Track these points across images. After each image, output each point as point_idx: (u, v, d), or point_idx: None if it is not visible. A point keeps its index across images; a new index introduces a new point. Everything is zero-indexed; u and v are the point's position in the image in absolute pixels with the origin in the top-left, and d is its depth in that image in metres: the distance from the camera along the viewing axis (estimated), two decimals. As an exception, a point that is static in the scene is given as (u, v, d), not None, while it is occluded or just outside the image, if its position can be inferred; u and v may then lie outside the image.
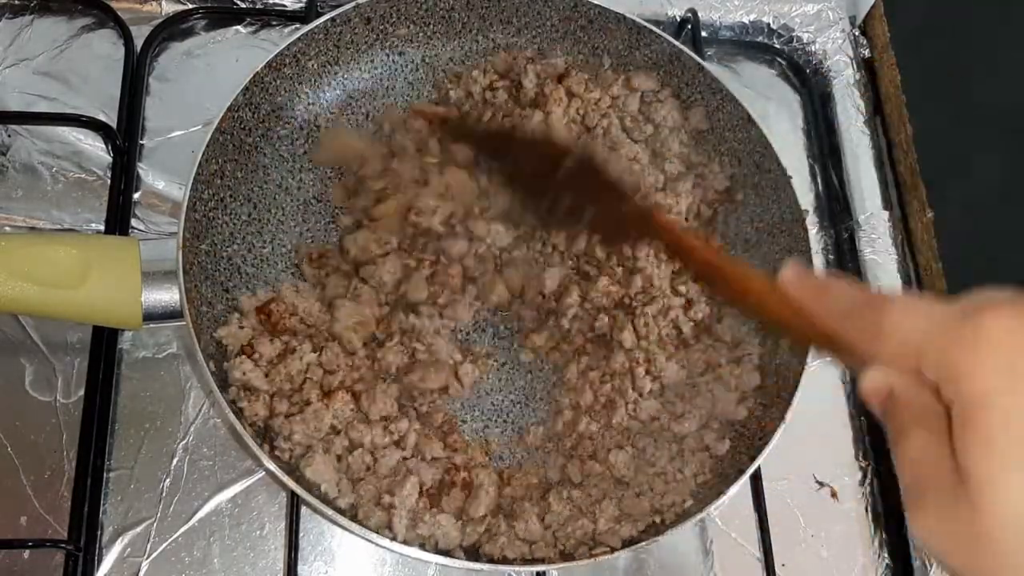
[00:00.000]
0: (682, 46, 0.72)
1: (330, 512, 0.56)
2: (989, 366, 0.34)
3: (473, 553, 0.59)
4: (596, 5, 0.72)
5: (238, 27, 0.82)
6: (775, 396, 0.64)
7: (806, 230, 0.66)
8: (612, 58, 0.74)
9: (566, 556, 0.59)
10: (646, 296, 0.67)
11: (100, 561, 0.62)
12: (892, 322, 0.39)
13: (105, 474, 0.64)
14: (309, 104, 0.72)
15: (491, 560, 0.59)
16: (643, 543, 0.58)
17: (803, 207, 0.67)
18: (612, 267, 0.68)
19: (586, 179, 0.56)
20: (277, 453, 0.59)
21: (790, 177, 0.68)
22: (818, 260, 0.67)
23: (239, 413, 0.58)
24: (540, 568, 0.60)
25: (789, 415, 0.61)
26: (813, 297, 0.43)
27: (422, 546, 0.58)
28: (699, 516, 0.59)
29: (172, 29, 0.80)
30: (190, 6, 0.81)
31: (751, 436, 0.63)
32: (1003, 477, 0.33)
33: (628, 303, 0.67)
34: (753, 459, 0.60)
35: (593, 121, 0.72)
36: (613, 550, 0.58)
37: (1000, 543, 0.33)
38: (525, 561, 0.59)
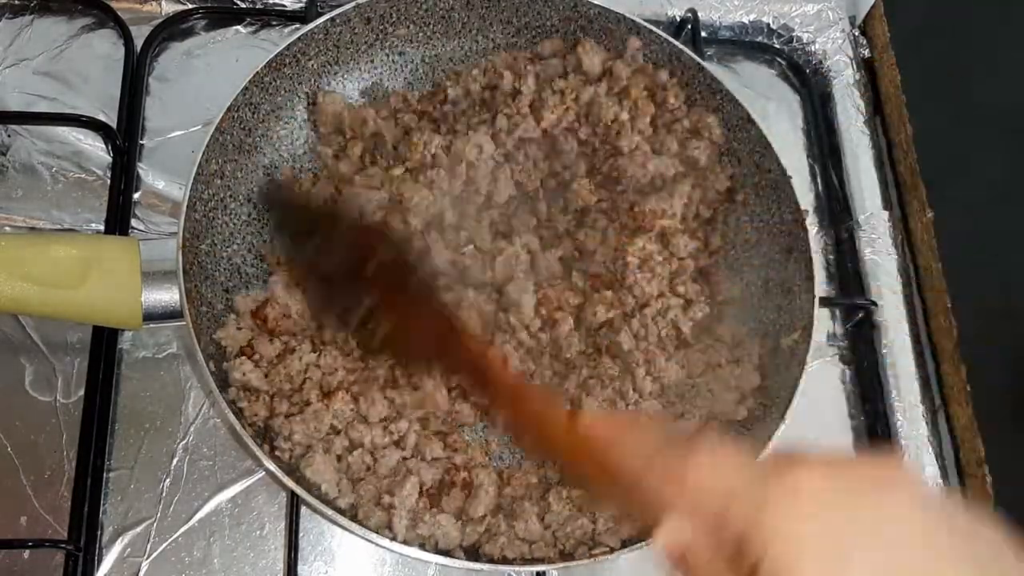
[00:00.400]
0: (682, 46, 0.72)
1: (330, 512, 0.56)
2: (803, 527, 0.34)
3: (473, 553, 0.59)
4: (596, 5, 0.72)
5: (238, 27, 0.82)
6: (775, 396, 0.64)
7: (806, 230, 0.66)
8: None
9: (566, 556, 0.59)
10: (643, 299, 0.68)
11: (100, 561, 0.62)
12: (697, 469, 0.37)
13: (105, 474, 0.64)
14: (309, 104, 0.72)
15: (491, 560, 0.59)
16: (643, 543, 0.58)
17: (803, 207, 0.67)
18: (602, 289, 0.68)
19: (395, 278, 0.53)
20: (277, 453, 0.59)
21: (790, 177, 0.68)
22: (818, 260, 0.67)
23: (239, 413, 0.58)
24: (540, 568, 0.60)
25: (789, 415, 0.61)
26: (615, 436, 0.42)
27: (422, 546, 0.58)
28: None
29: (172, 29, 0.80)
30: (190, 6, 0.81)
31: (752, 435, 0.63)
32: None
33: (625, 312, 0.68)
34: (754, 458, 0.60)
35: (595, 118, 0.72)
36: (613, 550, 0.58)
37: None
38: (525, 561, 0.59)
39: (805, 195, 0.82)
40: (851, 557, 0.33)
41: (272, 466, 0.56)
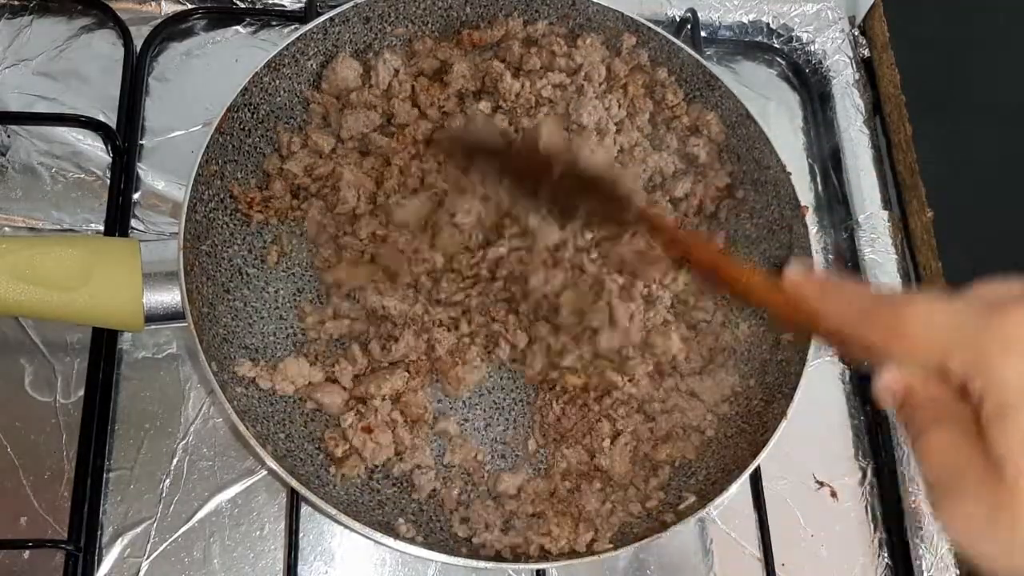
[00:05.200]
0: (681, 43, 0.72)
1: (332, 511, 0.56)
2: (1021, 362, 0.35)
3: (473, 551, 0.59)
4: (595, 3, 0.72)
5: (237, 27, 0.82)
6: (776, 392, 0.64)
7: (806, 226, 0.66)
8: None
9: (569, 553, 0.59)
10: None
11: (100, 561, 0.62)
12: (914, 321, 0.38)
13: (105, 474, 0.64)
14: (309, 104, 0.72)
15: (491, 558, 0.59)
16: (645, 540, 0.58)
17: (803, 204, 0.67)
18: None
19: (575, 182, 0.56)
20: (279, 452, 0.59)
21: (789, 173, 0.68)
22: (818, 260, 0.67)
23: (241, 413, 0.58)
24: (540, 567, 0.60)
25: (791, 410, 0.61)
26: (821, 297, 0.43)
27: (427, 544, 0.58)
28: (701, 512, 0.59)
29: (172, 29, 0.80)
30: (190, 6, 0.81)
31: (753, 432, 0.63)
32: None
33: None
34: (755, 455, 0.60)
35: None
36: (615, 548, 0.58)
37: None
38: (526, 559, 0.59)
39: (805, 195, 0.81)
40: None
41: (274, 465, 0.56)
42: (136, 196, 0.73)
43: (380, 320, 0.65)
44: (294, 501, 0.63)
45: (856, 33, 0.89)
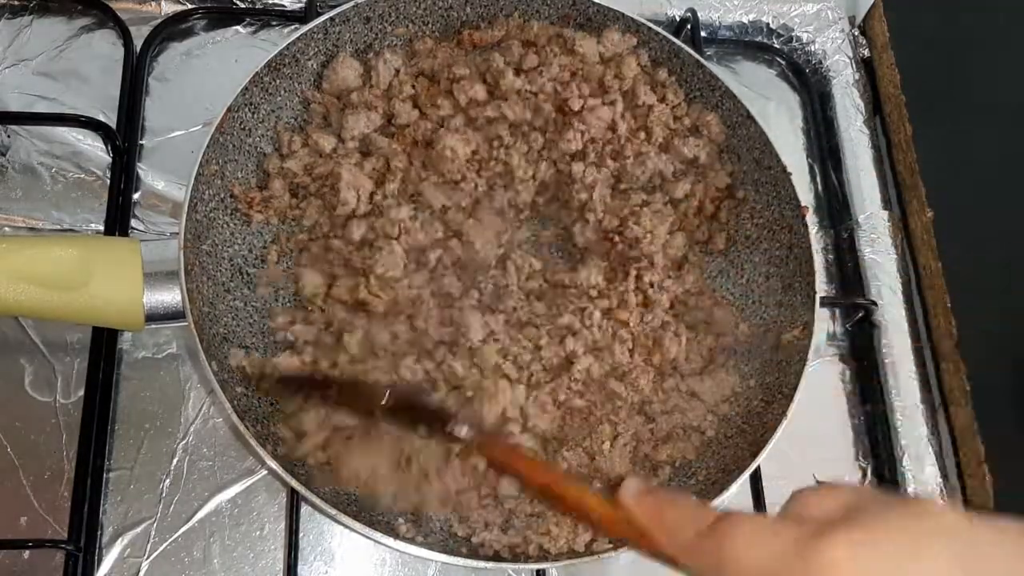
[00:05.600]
0: (681, 43, 0.72)
1: (332, 511, 0.56)
2: None
3: (473, 551, 0.59)
4: (595, 3, 0.72)
5: (237, 27, 0.82)
6: (776, 393, 0.64)
7: (806, 226, 0.66)
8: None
9: (569, 553, 0.59)
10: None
11: (100, 561, 0.62)
12: (731, 550, 0.38)
13: (105, 474, 0.64)
14: (309, 104, 0.72)
15: (490, 557, 0.59)
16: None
17: (803, 203, 0.67)
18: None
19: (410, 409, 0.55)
20: (279, 451, 0.59)
21: (790, 173, 0.68)
22: (818, 260, 0.67)
23: (242, 413, 0.58)
24: (539, 566, 0.60)
25: (791, 411, 0.61)
26: (652, 517, 0.43)
27: (427, 544, 0.58)
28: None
29: (172, 29, 0.80)
30: (190, 6, 0.81)
31: (753, 432, 0.63)
32: None
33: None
34: (755, 455, 0.60)
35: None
36: (615, 548, 0.58)
37: None
38: (525, 559, 0.59)
39: (805, 195, 0.81)
40: None
41: (274, 464, 0.56)
42: (136, 196, 0.73)
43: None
44: (294, 501, 0.63)
45: (856, 33, 0.89)
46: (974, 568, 0.34)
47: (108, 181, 0.72)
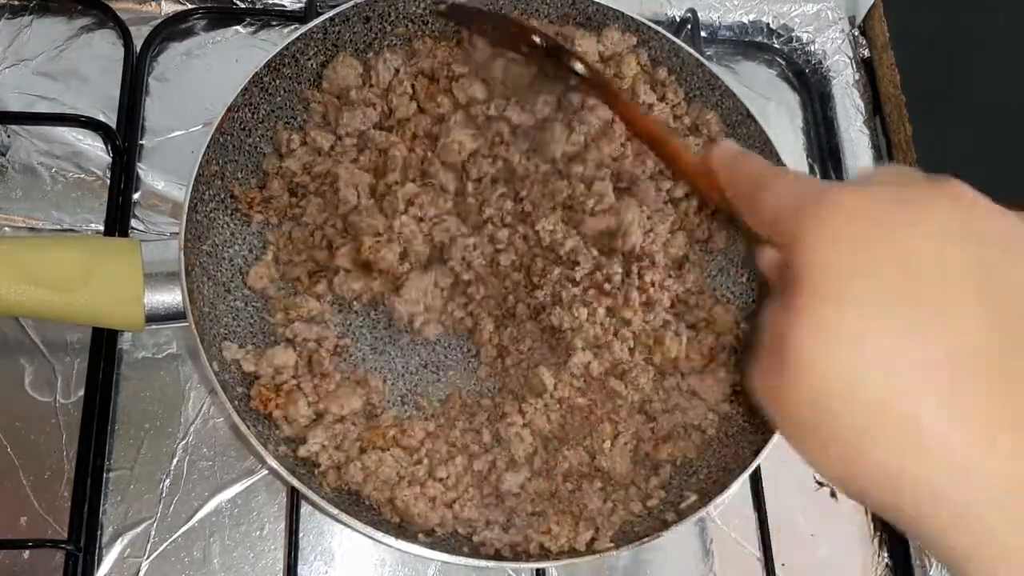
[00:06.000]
0: (681, 43, 0.72)
1: (333, 510, 0.56)
2: (821, 234, 0.35)
3: (474, 550, 0.59)
4: (595, 3, 0.72)
5: (238, 27, 0.82)
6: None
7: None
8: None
9: (569, 552, 0.59)
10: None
11: (100, 561, 0.62)
12: (769, 191, 0.40)
13: (105, 474, 0.64)
14: (309, 104, 0.72)
15: (491, 556, 0.59)
16: (646, 540, 0.58)
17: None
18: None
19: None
20: (280, 451, 0.59)
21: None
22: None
23: (243, 413, 0.58)
24: (540, 565, 0.60)
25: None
26: (727, 167, 0.46)
27: (428, 543, 0.58)
28: (703, 511, 0.59)
29: (172, 29, 0.80)
30: (190, 6, 0.81)
31: (754, 430, 0.63)
32: (814, 340, 0.34)
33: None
34: (756, 453, 0.60)
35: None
36: (616, 547, 0.58)
37: (810, 411, 0.36)
38: (526, 558, 0.59)
39: (805, 195, 0.82)
40: (860, 268, 0.34)
41: (275, 464, 0.56)
42: (136, 196, 0.73)
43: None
44: (294, 501, 0.63)
45: (856, 33, 0.89)
46: (973, 227, 0.35)
47: (108, 181, 0.72)
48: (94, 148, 0.74)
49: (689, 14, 0.84)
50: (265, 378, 0.61)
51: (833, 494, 0.71)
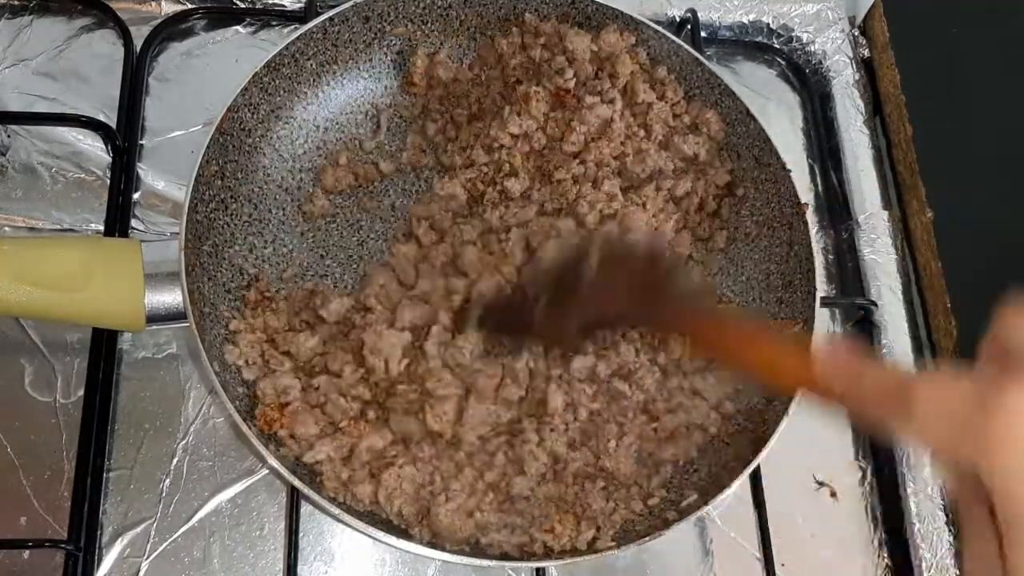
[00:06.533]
0: (681, 42, 0.72)
1: (334, 510, 0.56)
2: (1018, 462, 0.32)
3: (481, 550, 0.59)
4: (594, 2, 0.72)
5: (237, 27, 0.82)
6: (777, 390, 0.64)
7: (806, 223, 0.66)
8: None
9: (568, 551, 0.59)
10: None
11: (100, 561, 0.62)
12: (922, 408, 0.36)
13: (105, 474, 0.64)
14: (308, 104, 0.72)
15: (496, 556, 0.59)
16: (646, 539, 0.58)
17: (803, 200, 0.67)
18: None
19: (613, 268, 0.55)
20: (282, 451, 0.59)
21: (789, 171, 0.68)
22: (818, 260, 0.67)
23: (244, 413, 0.58)
24: (543, 564, 0.60)
25: (792, 409, 0.61)
26: (847, 381, 0.42)
27: (431, 544, 0.58)
28: (703, 510, 0.59)
29: (172, 29, 0.80)
30: (190, 6, 0.81)
31: (755, 429, 0.63)
32: None
33: None
34: (757, 452, 0.60)
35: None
36: (618, 545, 0.58)
37: None
38: (529, 558, 0.59)
39: (805, 195, 0.81)
40: None
41: (276, 463, 0.56)
42: (136, 196, 0.73)
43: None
44: (294, 501, 0.63)
45: (856, 33, 0.89)
46: None
47: (108, 181, 0.72)
48: (94, 148, 0.74)
49: (689, 14, 0.84)
50: (269, 397, 0.61)
51: (833, 494, 0.71)
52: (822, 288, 0.66)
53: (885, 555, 0.70)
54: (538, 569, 0.63)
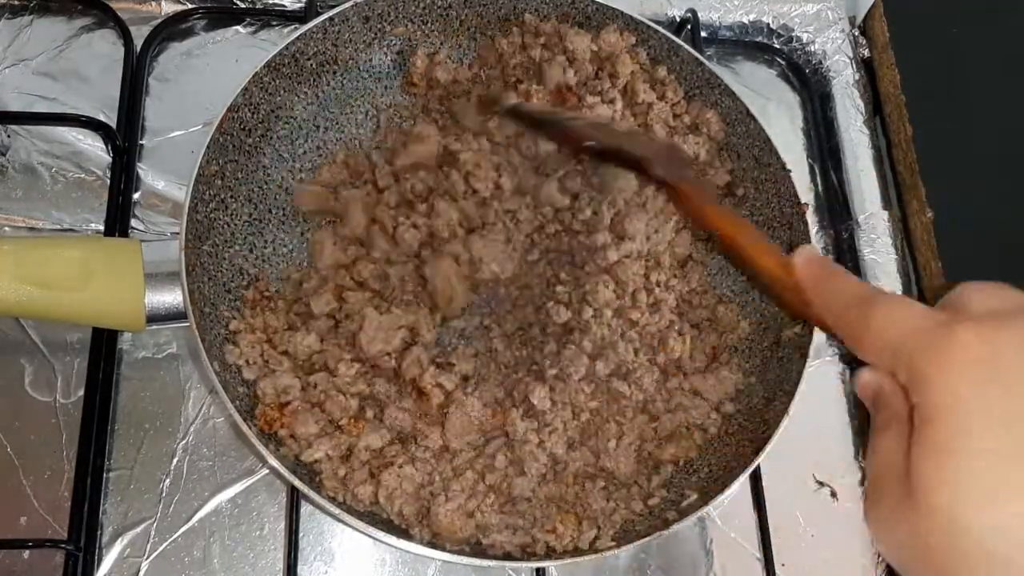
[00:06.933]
0: (681, 42, 0.72)
1: (335, 510, 0.56)
2: (954, 377, 0.36)
3: (483, 551, 0.59)
4: (594, 2, 0.72)
5: (238, 27, 0.82)
6: (777, 389, 0.64)
7: (806, 223, 0.66)
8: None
9: (569, 551, 0.59)
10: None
11: (100, 561, 0.62)
12: (876, 320, 0.40)
13: (105, 474, 0.64)
14: (308, 104, 0.72)
15: (495, 556, 0.59)
16: (647, 539, 0.58)
17: (803, 200, 0.67)
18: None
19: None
20: (282, 451, 0.59)
21: (789, 171, 0.68)
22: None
23: (244, 412, 0.58)
24: (543, 564, 0.60)
25: (792, 408, 0.61)
26: (816, 284, 0.46)
27: (431, 544, 0.58)
28: (703, 510, 0.59)
29: (172, 29, 0.80)
30: (190, 6, 0.81)
31: (755, 430, 0.63)
32: (951, 488, 0.35)
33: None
34: (757, 452, 0.60)
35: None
36: (618, 545, 0.58)
37: (939, 553, 0.35)
38: (530, 558, 0.59)
39: (805, 195, 0.81)
40: (995, 417, 0.34)
41: (276, 463, 0.56)
42: (136, 196, 0.73)
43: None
44: (294, 501, 0.63)
45: (856, 33, 0.89)
46: None
47: (108, 181, 0.72)
48: (94, 148, 0.74)
49: (689, 14, 0.84)
50: (269, 397, 0.61)
51: (833, 494, 0.71)
52: (822, 288, 0.66)
53: (885, 555, 0.70)
54: (539, 569, 0.63)
